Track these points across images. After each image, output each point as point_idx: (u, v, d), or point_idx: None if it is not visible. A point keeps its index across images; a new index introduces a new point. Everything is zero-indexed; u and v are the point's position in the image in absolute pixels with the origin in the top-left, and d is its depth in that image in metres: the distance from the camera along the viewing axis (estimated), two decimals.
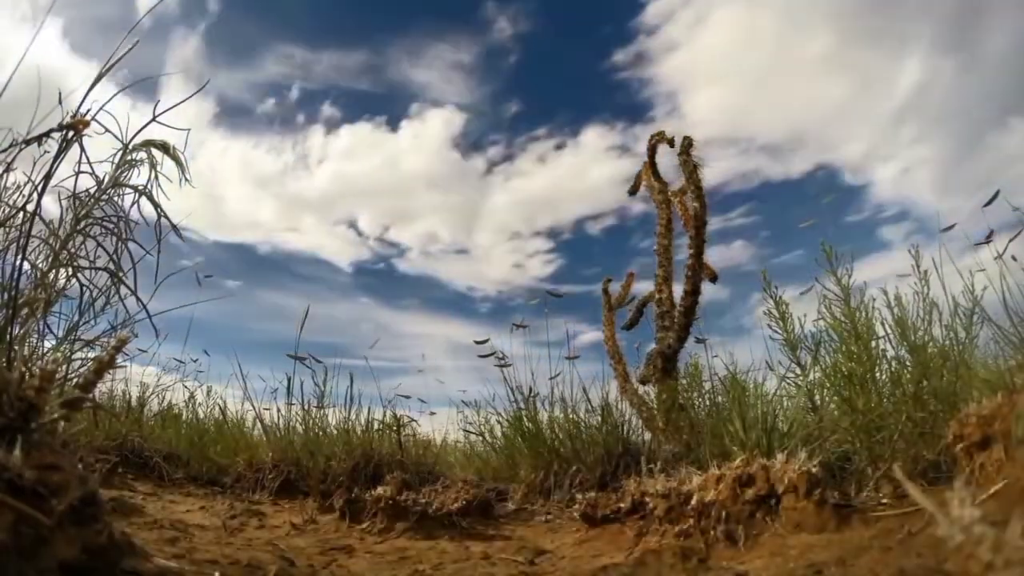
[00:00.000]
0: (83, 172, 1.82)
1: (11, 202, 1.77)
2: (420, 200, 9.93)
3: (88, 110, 1.68)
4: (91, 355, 1.96)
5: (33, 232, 1.69)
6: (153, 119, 1.90)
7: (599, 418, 2.79)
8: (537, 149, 9.46)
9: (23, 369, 0.90)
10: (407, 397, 3.50)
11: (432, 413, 3.66)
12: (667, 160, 3.40)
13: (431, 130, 9.51)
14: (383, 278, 9.40)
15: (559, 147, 9.38)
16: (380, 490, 2.27)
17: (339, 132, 9.73)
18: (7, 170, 1.70)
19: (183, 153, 2.05)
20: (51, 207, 1.85)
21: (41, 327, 1.83)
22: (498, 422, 3.23)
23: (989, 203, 2.26)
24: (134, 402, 3.82)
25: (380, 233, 9.54)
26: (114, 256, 1.89)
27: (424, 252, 9.44)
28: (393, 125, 9.83)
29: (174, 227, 2.02)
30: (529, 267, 8.87)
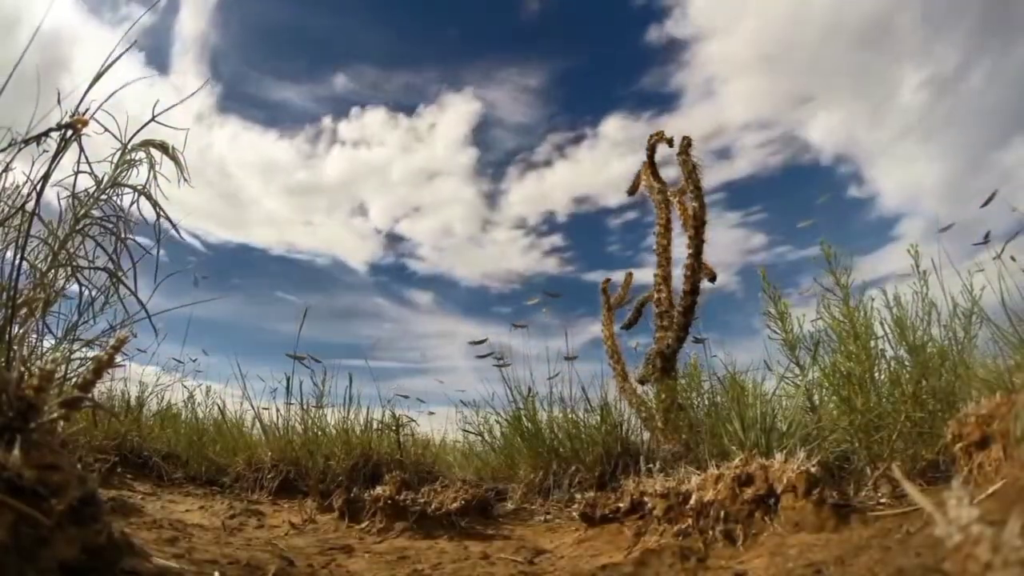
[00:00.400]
0: (82, 172, 1.81)
1: (10, 202, 1.77)
2: (436, 192, 9.72)
3: (87, 109, 1.68)
4: (90, 355, 1.96)
5: (32, 232, 1.69)
6: (152, 119, 1.90)
7: (598, 418, 2.80)
8: (556, 140, 9.19)
9: (22, 369, 0.89)
10: (406, 397, 3.51)
11: (431, 413, 3.66)
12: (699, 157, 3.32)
13: (448, 119, 9.27)
14: (397, 276, 9.23)
15: (579, 139, 9.11)
16: (379, 490, 2.27)
17: (354, 119, 9.48)
18: (6, 170, 1.70)
19: (182, 153, 2.05)
20: (50, 206, 1.85)
21: (40, 327, 1.83)
22: (497, 422, 3.23)
23: (987, 203, 2.27)
24: (133, 402, 3.82)
25: (394, 227, 9.35)
26: (113, 256, 1.89)
27: (438, 247, 9.24)
28: (408, 112, 9.59)
29: (174, 226, 2.02)
30: (545, 261, 8.69)
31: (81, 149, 1.73)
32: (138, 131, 1.93)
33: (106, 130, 1.83)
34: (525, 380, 3.09)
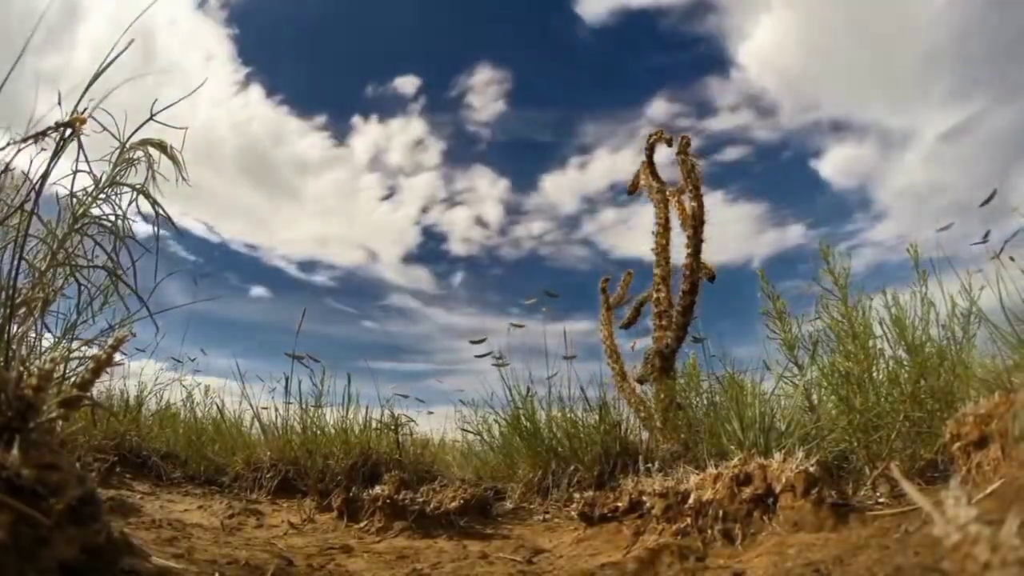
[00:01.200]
0: (81, 171, 1.81)
1: (9, 201, 1.76)
2: (468, 179, 9.30)
3: (85, 109, 1.67)
4: (89, 353, 1.96)
5: (31, 231, 1.68)
6: (151, 118, 1.89)
7: (597, 417, 2.80)
8: (595, 125, 8.73)
9: (21, 368, 0.89)
10: (405, 396, 3.51)
11: (430, 412, 3.66)
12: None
13: (481, 98, 8.84)
14: (428, 271, 8.87)
15: (620, 122, 8.57)
16: (378, 489, 2.27)
17: (383, 93, 9.00)
18: (5, 170, 1.69)
19: (180, 153, 2.05)
20: (49, 205, 1.84)
21: (39, 326, 1.83)
22: (496, 421, 3.24)
23: (986, 203, 2.27)
24: (132, 401, 3.82)
25: (423, 217, 8.94)
26: (112, 254, 1.89)
27: (469, 239, 8.86)
28: (442, 87, 9.12)
29: (174, 225, 2.02)
30: (579, 254, 8.41)
31: (80, 148, 1.72)
32: (137, 130, 1.92)
33: (104, 129, 1.83)
34: (524, 380, 3.10)
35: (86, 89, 1.65)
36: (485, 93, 8.31)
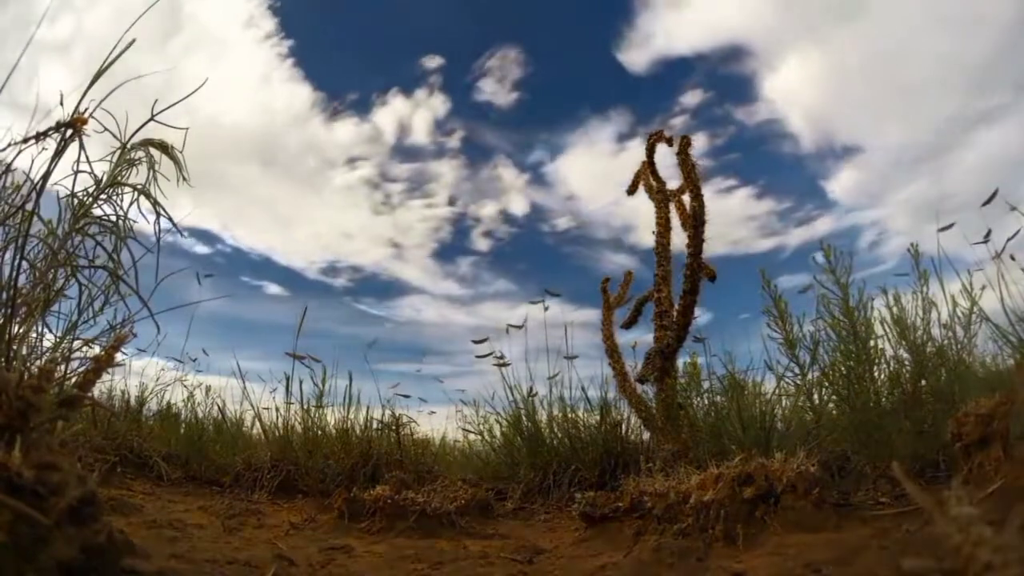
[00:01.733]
0: (82, 171, 1.81)
1: (10, 201, 1.76)
2: (492, 171, 9.00)
3: (86, 109, 1.68)
4: (90, 353, 1.96)
5: (31, 231, 1.68)
6: (151, 118, 1.89)
7: (598, 417, 2.80)
8: (624, 115, 8.62)
9: (22, 368, 0.89)
10: (407, 396, 3.51)
11: (432, 412, 3.66)
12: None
13: (497, 86, 8.53)
14: (452, 267, 8.61)
15: (652, 116, 8.44)
16: (379, 489, 2.27)
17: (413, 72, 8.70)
18: (6, 171, 1.69)
19: (181, 153, 2.05)
20: (49, 205, 1.84)
21: (40, 326, 1.83)
22: (497, 422, 3.24)
23: (987, 202, 2.26)
24: (133, 401, 3.82)
25: (450, 212, 8.61)
26: (113, 255, 1.89)
27: (492, 234, 8.54)
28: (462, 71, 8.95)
29: (174, 225, 2.02)
30: (605, 248, 8.24)
31: (82, 148, 1.72)
32: (137, 130, 1.93)
33: (106, 129, 1.83)
34: (525, 380, 3.10)
35: (86, 90, 1.65)
36: (508, 81, 8.06)
